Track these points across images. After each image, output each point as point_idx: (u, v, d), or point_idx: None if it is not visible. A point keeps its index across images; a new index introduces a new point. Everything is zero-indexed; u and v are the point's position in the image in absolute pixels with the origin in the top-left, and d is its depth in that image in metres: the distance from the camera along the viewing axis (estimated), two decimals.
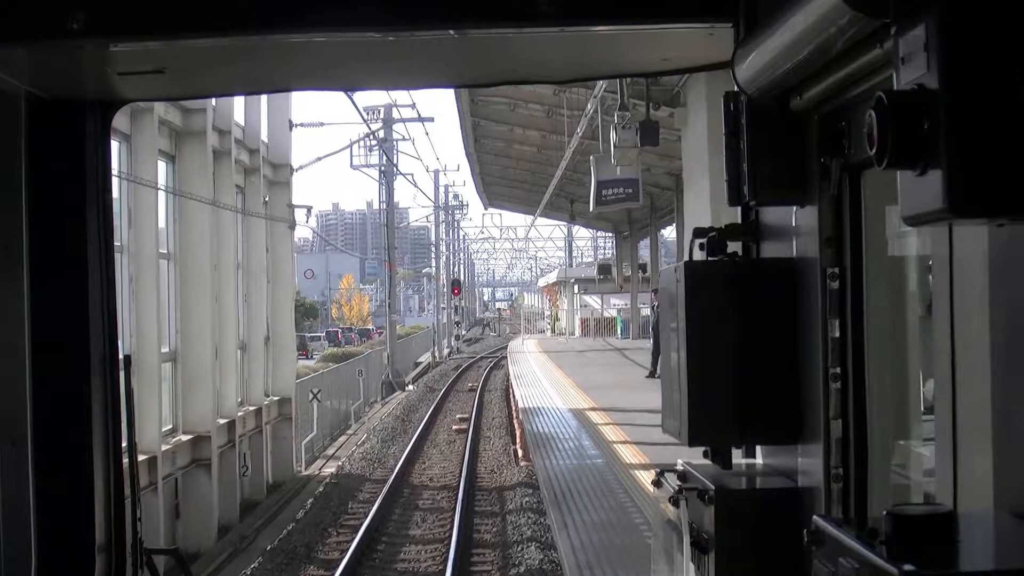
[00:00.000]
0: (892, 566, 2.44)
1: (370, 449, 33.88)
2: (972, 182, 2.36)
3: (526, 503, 22.48)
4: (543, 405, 31.04)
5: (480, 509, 23.65)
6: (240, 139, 27.21)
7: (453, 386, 56.74)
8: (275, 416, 30.53)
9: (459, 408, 45.65)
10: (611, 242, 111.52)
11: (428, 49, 4.33)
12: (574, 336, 76.25)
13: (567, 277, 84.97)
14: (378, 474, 29.05)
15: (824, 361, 3.92)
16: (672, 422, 4.56)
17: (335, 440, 40.00)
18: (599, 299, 76.95)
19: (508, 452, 31.47)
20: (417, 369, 73.18)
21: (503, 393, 49.86)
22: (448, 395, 51.71)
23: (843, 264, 3.90)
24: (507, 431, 36.50)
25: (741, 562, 4.26)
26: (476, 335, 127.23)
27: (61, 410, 4.52)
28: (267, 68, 4.64)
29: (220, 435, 23.85)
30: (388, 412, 45.72)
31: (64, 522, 4.51)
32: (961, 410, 3.17)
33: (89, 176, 4.57)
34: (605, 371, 41.10)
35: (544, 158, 47.82)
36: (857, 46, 3.07)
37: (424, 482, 27.71)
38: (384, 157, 58.36)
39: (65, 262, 4.54)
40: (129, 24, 3.91)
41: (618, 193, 24.89)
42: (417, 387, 58.37)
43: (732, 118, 4.11)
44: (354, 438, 39.01)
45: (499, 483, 26.39)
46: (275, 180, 31.69)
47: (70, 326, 4.54)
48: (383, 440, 35.75)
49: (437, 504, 24.57)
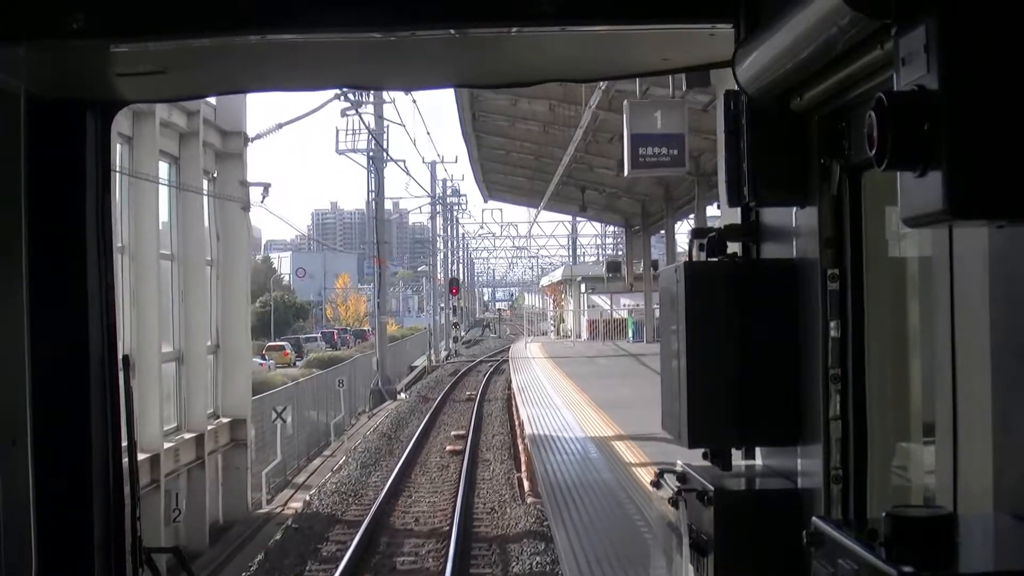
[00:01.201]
0: (892, 568, 2.45)
1: (347, 477, 28.33)
2: (972, 183, 2.36)
3: (538, 566, 17.00)
4: (556, 432, 25.60)
5: (477, 573, 18.12)
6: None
7: (449, 395, 51.39)
8: (225, 442, 25.09)
9: (455, 422, 40.35)
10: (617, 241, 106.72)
11: (429, 49, 4.34)
12: (581, 339, 70.35)
13: (573, 275, 79.15)
14: (352, 513, 23.61)
15: (824, 362, 3.93)
16: (672, 423, 4.54)
17: (311, 461, 34.50)
18: (608, 299, 70.92)
19: (511, 482, 26.00)
20: (412, 374, 68.34)
21: (504, 404, 44.69)
22: (443, 406, 46.32)
23: (843, 265, 3.90)
24: (509, 452, 30.98)
25: (740, 563, 4.25)
26: (475, 336, 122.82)
27: (61, 410, 4.51)
28: (268, 68, 4.64)
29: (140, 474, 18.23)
30: (374, 427, 40.16)
31: (64, 521, 4.51)
32: (961, 411, 3.18)
33: (89, 177, 4.57)
34: (623, 383, 35.81)
35: (550, 139, 42.76)
36: (857, 47, 3.06)
37: (408, 524, 22.28)
38: (372, 141, 52.86)
39: (64, 262, 4.54)
40: (129, 24, 3.92)
41: (660, 154, 19.33)
42: (410, 396, 52.95)
43: (732, 118, 4.09)
44: (332, 460, 33.42)
45: (502, 529, 20.99)
46: (224, 151, 25.80)
47: (69, 326, 4.53)
48: (363, 465, 30.19)
49: (422, 562, 19.02)
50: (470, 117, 41.61)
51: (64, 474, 4.50)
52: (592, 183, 51.50)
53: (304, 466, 33.64)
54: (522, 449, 28.49)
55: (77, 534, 4.51)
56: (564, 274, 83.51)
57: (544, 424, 27.05)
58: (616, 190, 54.68)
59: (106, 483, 4.59)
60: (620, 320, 69.13)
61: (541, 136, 44.06)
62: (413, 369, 70.72)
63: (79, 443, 4.53)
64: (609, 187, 53.17)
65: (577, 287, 76.95)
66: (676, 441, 4.47)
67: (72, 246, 4.51)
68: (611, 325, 67.97)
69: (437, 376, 64.73)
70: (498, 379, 58.08)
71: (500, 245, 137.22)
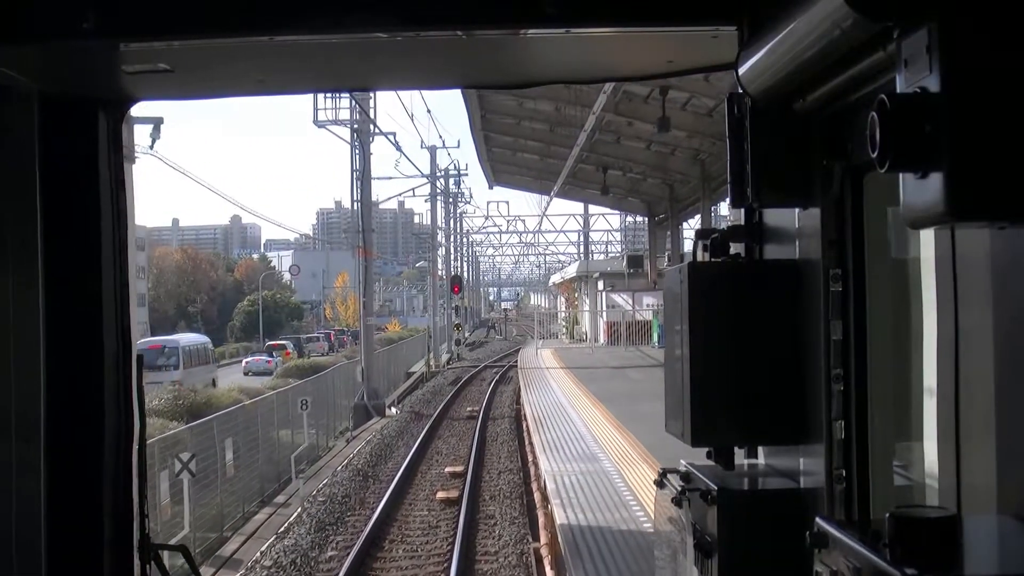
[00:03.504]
0: (895, 569, 2.46)
1: (293, 547, 20.24)
2: (973, 185, 2.38)
3: None
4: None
5: None
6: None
7: (448, 410, 43.58)
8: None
9: (452, 450, 32.63)
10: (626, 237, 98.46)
11: (436, 51, 4.36)
12: (599, 344, 61.75)
13: (589, 271, 70.38)
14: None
15: (827, 362, 3.94)
16: (675, 423, 4.53)
17: (264, 505, 26.59)
18: (629, 297, 62.29)
19: (525, 558, 18.15)
20: (409, 381, 60.62)
21: (512, 423, 36.90)
22: (439, 426, 38.49)
23: (845, 266, 3.91)
24: (521, 503, 23.07)
25: (744, 563, 4.24)
26: (480, 338, 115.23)
27: (75, 408, 4.50)
28: (275, 69, 4.64)
29: None
30: (350, 457, 32.07)
31: (75, 518, 4.51)
32: (964, 412, 3.19)
33: (102, 174, 4.57)
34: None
35: (564, 118, 35.56)
36: (860, 49, 3.07)
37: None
38: (357, 110, 44.70)
39: (79, 260, 4.54)
40: (140, 24, 3.95)
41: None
42: (401, 411, 45.04)
43: (735, 120, 4.09)
44: (284, 513, 25.31)
45: None
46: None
47: (84, 324, 4.52)
48: (320, 526, 22.09)
49: None
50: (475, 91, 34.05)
51: (76, 472, 4.48)
52: (618, 159, 43.93)
53: (252, 514, 25.60)
54: (539, 500, 20.62)
55: (87, 531, 4.50)
56: (579, 270, 74.72)
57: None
58: (644, 168, 47.06)
59: (116, 481, 4.57)
60: (643, 322, 60.46)
61: (554, 115, 37.11)
62: (411, 375, 63.02)
63: (92, 441, 4.51)
64: (637, 163, 45.51)
65: (593, 284, 68.33)
66: (679, 440, 4.42)
67: (87, 244, 4.50)
68: (633, 328, 59.42)
69: (436, 385, 57.03)
70: (504, 389, 50.41)
71: (506, 241, 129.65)
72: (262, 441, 28.59)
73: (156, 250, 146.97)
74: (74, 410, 4.45)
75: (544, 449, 22.28)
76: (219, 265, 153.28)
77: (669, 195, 52.03)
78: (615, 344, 57.93)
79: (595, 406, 28.58)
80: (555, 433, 24.45)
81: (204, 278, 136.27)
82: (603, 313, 64.28)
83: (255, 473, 27.58)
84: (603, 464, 20.00)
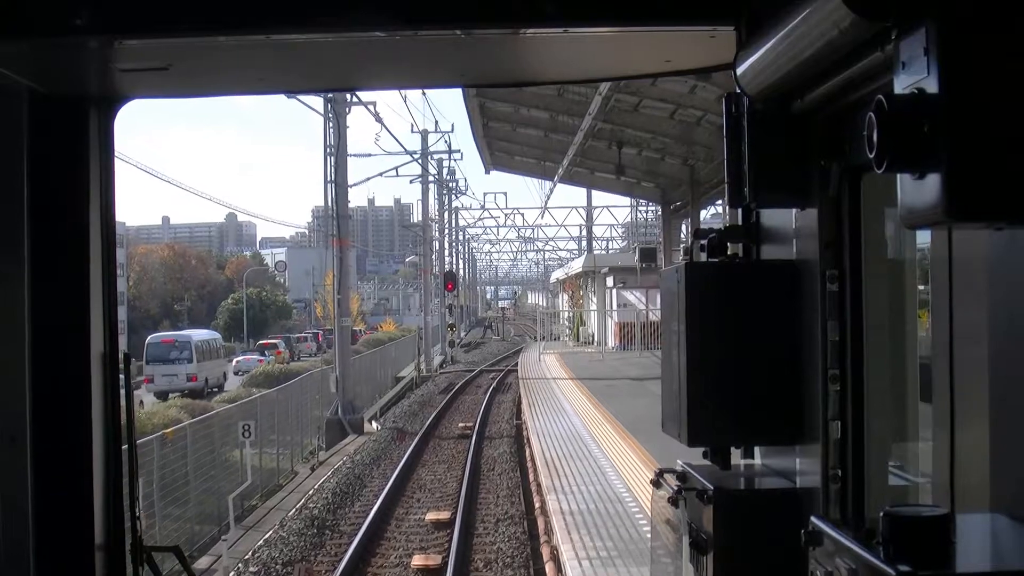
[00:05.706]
0: (889, 567, 2.48)
1: None
2: (971, 186, 2.38)
3: None
4: None
5: None
6: None
7: (436, 427, 37.23)
8: None
9: (438, 483, 26.32)
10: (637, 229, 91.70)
11: (434, 49, 4.37)
12: (608, 348, 55.04)
13: (596, 266, 63.45)
14: None
15: (823, 363, 3.94)
16: (672, 423, 4.52)
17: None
18: (642, 295, 55.62)
19: None
20: (397, 387, 54.41)
21: (513, 444, 30.65)
22: (424, 449, 32.18)
23: (842, 266, 3.92)
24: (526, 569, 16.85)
25: (739, 562, 4.24)
26: (476, 339, 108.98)
27: (61, 407, 4.47)
28: (272, 67, 4.64)
29: None
30: (307, 496, 25.68)
31: (63, 519, 4.46)
32: (959, 412, 3.19)
33: (92, 173, 4.56)
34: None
35: (571, 97, 29.52)
36: (858, 50, 3.08)
37: None
38: None
39: (67, 258, 4.51)
40: (133, 21, 3.93)
41: None
42: (383, 426, 38.76)
43: (733, 120, 4.10)
44: None
45: None
46: None
47: (71, 323, 4.49)
48: None
49: None
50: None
51: (64, 472, 4.42)
52: (635, 130, 37.70)
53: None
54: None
55: (76, 532, 4.44)
56: (585, 264, 67.89)
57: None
58: (666, 143, 40.79)
59: (106, 481, 4.52)
60: (659, 323, 53.80)
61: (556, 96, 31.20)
62: (400, 380, 56.80)
63: (79, 441, 4.46)
64: (659, 135, 39.22)
65: (602, 281, 61.67)
66: (676, 440, 4.40)
67: (75, 242, 4.49)
68: (648, 329, 52.71)
69: (425, 393, 50.74)
70: (503, 399, 44.12)
71: (503, 236, 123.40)
72: (195, 473, 22.34)
73: (139, 248, 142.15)
74: (61, 409, 4.42)
75: (570, 528, 15.40)
76: (210, 262, 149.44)
77: (690, 177, 45.62)
78: (627, 348, 51.45)
79: (625, 440, 22.04)
80: (580, 491, 17.95)
81: (193, 275, 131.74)
82: (613, 313, 57.72)
83: (190, 513, 21.44)
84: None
